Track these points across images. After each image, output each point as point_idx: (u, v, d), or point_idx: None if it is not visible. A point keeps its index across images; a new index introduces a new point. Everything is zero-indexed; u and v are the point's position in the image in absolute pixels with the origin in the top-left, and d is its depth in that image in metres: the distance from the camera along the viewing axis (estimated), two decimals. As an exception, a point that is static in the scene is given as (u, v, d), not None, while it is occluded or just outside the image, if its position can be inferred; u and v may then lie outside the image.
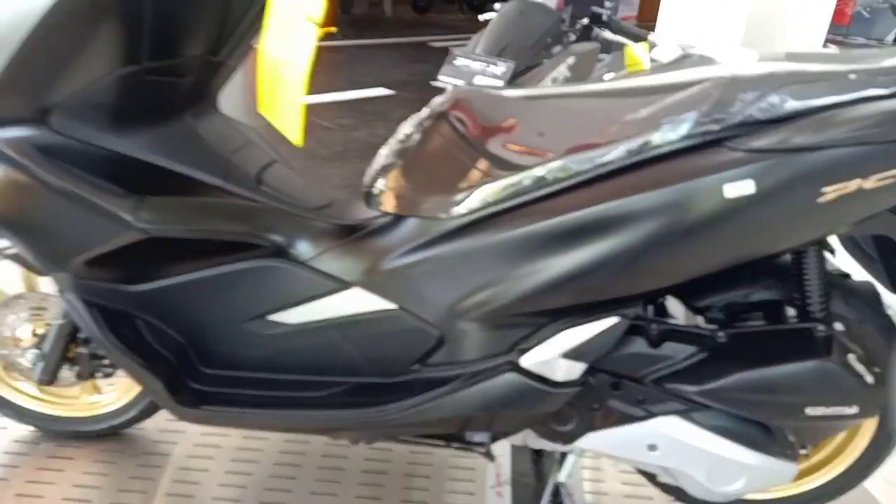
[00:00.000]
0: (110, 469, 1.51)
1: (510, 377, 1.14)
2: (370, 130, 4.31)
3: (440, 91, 2.24)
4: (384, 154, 1.24)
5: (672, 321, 1.20)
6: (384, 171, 1.22)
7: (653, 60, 2.38)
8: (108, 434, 1.57)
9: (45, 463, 1.51)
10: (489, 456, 1.33)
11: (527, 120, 1.16)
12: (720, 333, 1.15)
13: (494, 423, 1.22)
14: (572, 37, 2.83)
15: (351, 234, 1.24)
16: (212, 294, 1.24)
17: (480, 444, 1.32)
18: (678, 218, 1.02)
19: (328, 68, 6.19)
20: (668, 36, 3.13)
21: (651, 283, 1.10)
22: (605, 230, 1.05)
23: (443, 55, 2.79)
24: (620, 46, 2.78)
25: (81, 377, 1.40)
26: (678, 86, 1.07)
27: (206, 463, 1.54)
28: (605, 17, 2.79)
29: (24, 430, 1.59)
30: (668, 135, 1.03)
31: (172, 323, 1.27)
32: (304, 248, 1.24)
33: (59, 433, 1.57)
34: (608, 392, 1.18)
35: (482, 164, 1.14)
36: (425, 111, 1.24)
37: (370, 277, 1.21)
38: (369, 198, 1.23)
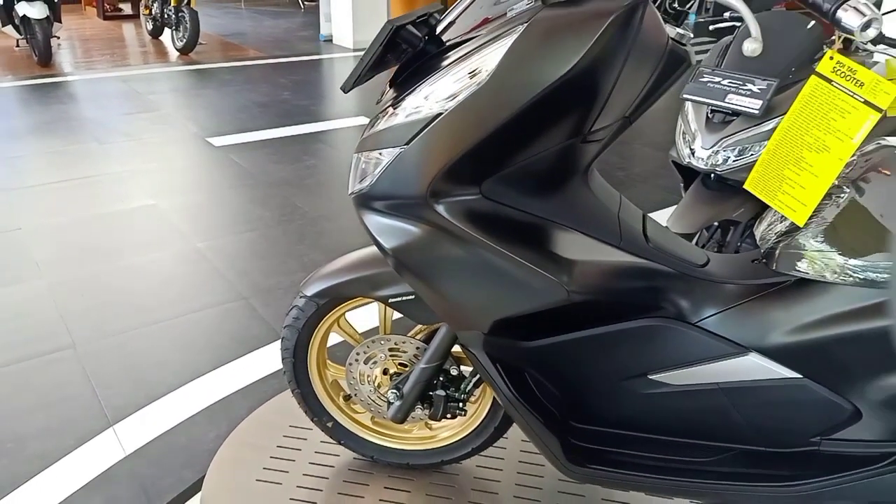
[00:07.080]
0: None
1: None
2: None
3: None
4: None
5: None
6: (791, 230, 1.16)
7: None
8: (437, 467, 1.63)
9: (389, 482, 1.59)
10: None
11: None
12: None
13: None
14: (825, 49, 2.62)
15: (747, 297, 1.19)
16: (597, 351, 1.24)
17: None
18: None
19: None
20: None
21: None
22: None
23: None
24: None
25: (433, 418, 1.45)
26: None
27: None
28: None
29: (352, 457, 1.68)
30: None
31: (553, 377, 1.28)
32: (696, 309, 1.20)
33: (391, 464, 1.64)
34: None
35: None
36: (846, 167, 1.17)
37: (771, 344, 1.16)
38: (773, 258, 1.17)
